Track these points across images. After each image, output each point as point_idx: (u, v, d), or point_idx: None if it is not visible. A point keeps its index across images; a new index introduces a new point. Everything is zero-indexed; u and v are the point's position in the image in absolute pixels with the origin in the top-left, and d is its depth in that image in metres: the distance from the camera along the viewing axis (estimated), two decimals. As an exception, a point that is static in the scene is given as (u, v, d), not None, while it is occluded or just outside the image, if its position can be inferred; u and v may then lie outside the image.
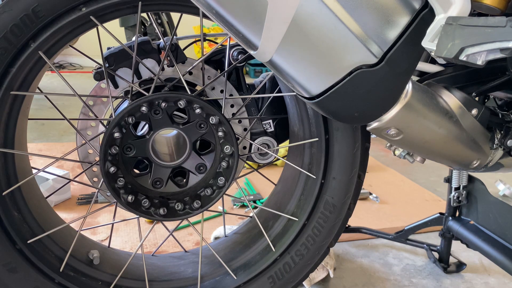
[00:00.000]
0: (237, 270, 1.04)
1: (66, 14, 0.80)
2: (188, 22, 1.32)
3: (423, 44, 0.67)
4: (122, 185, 0.88)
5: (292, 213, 1.05)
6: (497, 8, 0.64)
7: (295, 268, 1.04)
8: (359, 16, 0.66)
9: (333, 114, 0.79)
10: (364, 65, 0.69)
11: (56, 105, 0.98)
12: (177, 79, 0.94)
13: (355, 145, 0.96)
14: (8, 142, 0.88)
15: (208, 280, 1.06)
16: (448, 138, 0.81)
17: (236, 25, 0.68)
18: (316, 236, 1.02)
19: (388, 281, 1.43)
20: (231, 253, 1.10)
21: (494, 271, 1.50)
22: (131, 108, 0.84)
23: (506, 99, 0.95)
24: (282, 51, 0.68)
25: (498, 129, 0.87)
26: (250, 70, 5.22)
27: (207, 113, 0.88)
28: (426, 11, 0.68)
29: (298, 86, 0.74)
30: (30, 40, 0.80)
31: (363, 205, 1.95)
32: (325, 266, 1.36)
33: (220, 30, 5.11)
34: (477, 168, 0.91)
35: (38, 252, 0.92)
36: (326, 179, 0.99)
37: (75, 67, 5.42)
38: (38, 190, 1.04)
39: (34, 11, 0.78)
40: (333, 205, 1.00)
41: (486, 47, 0.57)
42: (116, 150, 0.87)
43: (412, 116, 0.76)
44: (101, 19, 0.83)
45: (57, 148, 2.49)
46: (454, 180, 1.42)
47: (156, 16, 3.68)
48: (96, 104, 0.96)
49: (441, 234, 1.51)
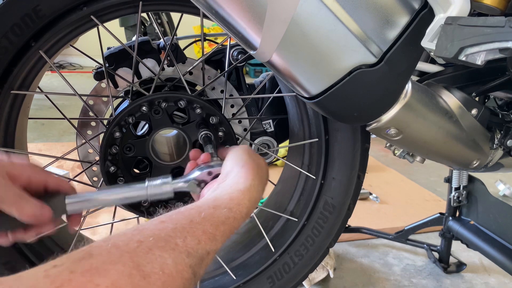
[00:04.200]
0: (236, 270, 1.04)
1: (67, 13, 0.80)
2: (188, 22, 1.32)
3: (422, 44, 0.67)
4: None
5: (292, 214, 1.05)
6: (497, 8, 0.64)
7: (295, 268, 1.04)
8: (359, 16, 0.66)
9: (333, 114, 0.79)
10: (363, 65, 0.69)
11: (56, 104, 0.98)
12: (177, 79, 0.94)
13: (354, 146, 0.96)
14: (8, 141, 0.88)
15: (208, 280, 1.06)
16: (448, 138, 0.81)
17: (236, 25, 0.68)
18: (315, 237, 1.02)
19: (388, 281, 1.43)
20: (231, 253, 1.10)
21: (494, 271, 1.50)
22: (131, 108, 0.84)
23: (506, 99, 0.95)
24: (281, 51, 0.68)
25: (498, 129, 0.87)
26: (250, 70, 5.22)
27: (207, 113, 0.88)
28: (425, 11, 0.68)
29: (298, 86, 0.74)
30: (31, 40, 0.80)
31: (363, 205, 1.95)
32: (325, 266, 1.36)
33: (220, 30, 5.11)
34: (477, 168, 0.91)
35: (38, 251, 0.92)
36: (325, 180, 0.99)
37: (75, 67, 5.43)
38: (38, 190, 1.04)
39: (35, 10, 0.78)
40: (332, 205, 1.00)
41: (485, 47, 0.57)
42: (116, 149, 0.87)
43: (412, 116, 0.76)
44: (101, 18, 0.84)
45: (57, 148, 2.49)
46: (454, 180, 1.42)
47: (156, 16, 3.68)
48: (96, 104, 0.96)
49: (441, 234, 1.51)
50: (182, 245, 0.44)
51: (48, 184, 0.65)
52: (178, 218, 0.47)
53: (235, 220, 0.53)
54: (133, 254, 0.40)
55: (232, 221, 0.53)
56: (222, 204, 0.53)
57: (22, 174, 0.61)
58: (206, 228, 0.48)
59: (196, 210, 0.50)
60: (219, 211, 0.52)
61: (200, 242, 0.46)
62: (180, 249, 0.43)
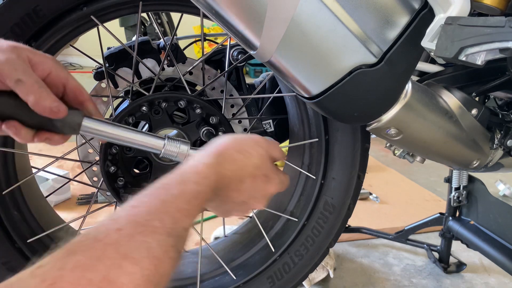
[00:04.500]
0: (236, 270, 1.04)
1: (67, 13, 0.80)
2: (188, 22, 1.32)
3: (422, 44, 0.67)
4: (122, 185, 0.88)
5: (292, 213, 1.05)
6: (497, 8, 0.64)
7: (295, 268, 1.04)
8: (359, 16, 0.66)
9: (333, 114, 0.79)
10: (363, 65, 0.69)
11: (56, 104, 0.97)
12: (177, 79, 0.94)
13: (354, 146, 0.96)
14: (8, 141, 0.88)
15: (208, 280, 1.06)
16: (448, 138, 0.81)
17: (236, 25, 0.68)
18: (315, 237, 1.02)
19: (388, 281, 1.43)
20: (231, 253, 1.10)
21: (494, 271, 1.50)
22: (132, 108, 0.84)
23: (506, 99, 0.94)
24: (281, 51, 0.68)
25: (498, 129, 0.87)
26: (250, 70, 5.22)
27: (207, 113, 0.88)
28: (425, 11, 0.68)
29: (298, 86, 0.74)
30: (31, 40, 0.80)
31: (363, 205, 1.95)
32: (325, 266, 1.36)
33: (220, 30, 5.11)
34: (477, 168, 0.91)
35: (38, 251, 0.92)
36: (325, 180, 0.99)
37: (75, 67, 5.43)
38: (38, 190, 1.04)
39: (35, 10, 0.78)
40: (332, 205, 1.00)
41: (485, 47, 0.57)
42: (116, 149, 0.87)
43: (412, 116, 0.76)
44: (101, 18, 0.84)
45: (57, 147, 2.48)
46: (454, 180, 1.42)
47: (156, 16, 3.68)
48: (97, 104, 0.96)
49: (441, 234, 1.51)
50: (161, 227, 0.44)
51: (68, 86, 0.60)
52: (150, 201, 0.47)
53: (205, 193, 0.53)
54: (116, 245, 0.40)
55: (203, 195, 0.52)
56: (188, 178, 0.52)
57: (43, 64, 0.57)
58: (180, 206, 0.48)
59: (165, 189, 0.49)
60: (188, 186, 0.51)
61: (177, 221, 0.46)
62: (160, 231, 0.43)
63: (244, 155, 0.62)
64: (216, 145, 0.61)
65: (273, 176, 0.65)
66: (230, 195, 0.62)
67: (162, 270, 0.42)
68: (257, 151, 0.64)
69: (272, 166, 0.67)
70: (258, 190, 0.65)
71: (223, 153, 0.60)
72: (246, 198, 0.64)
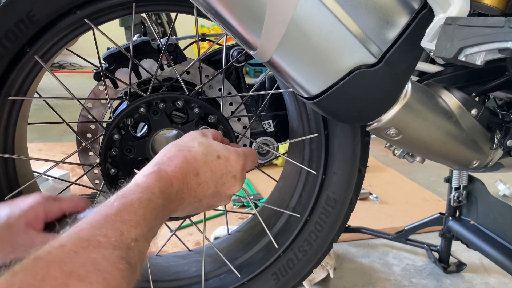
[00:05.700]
0: (240, 268, 1.04)
1: (60, 17, 0.80)
2: (189, 22, 1.32)
3: (422, 44, 0.67)
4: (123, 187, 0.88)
5: (294, 209, 1.05)
6: (497, 8, 0.64)
7: (299, 264, 1.03)
8: (358, 16, 0.66)
9: (333, 114, 0.78)
10: (363, 65, 0.69)
11: (56, 104, 0.98)
12: (175, 79, 0.93)
13: (355, 140, 0.95)
14: (8, 147, 0.88)
15: (212, 278, 1.06)
16: (448, 138, 0.81)
17: (235, 25, 0.68)
18: (318, 232, 1.02)
19: (388, 281, 1.43)
20: (234, 251, 1.10)
21: (494, 271, 1.50)
22: (130, 110, 0.84)
23: (506, 99, 0.94)
24: (281, 51, 0.68)
25: (498, 129, 0.87)
26: (250, 70, 5.22)
27: (206, 112, 0.88)
28: (425, 11, 0.68)
29: (297, 86, 0.74)
30: (26, 45, 0.80)
31: (363, 205, 1.95)
32: (325, 266, 1.35)
33: (220, 30, 5.11)
34: (477, 168, 0.90)
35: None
36: (327, 175, 0.99)
37: (75, 67, 5.42)
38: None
39: (28, 16, 0.77)
40: (334, 200, 1.00)
41: (484, 47, 0.57)
42: (116, 152, 0.86)
43: (412, 116, 0.76)
44: (96, 21, 0.83)
45: (57, 148, 2.49)
46: (454, 180, 1.42)
47: (156, 16, 3.68)
48: (96, 107, 0.96)
49: (441, 234, 1.51)
50: (105, 241, 0.44)
51: (65, 210, 0.66)
52: (93, 217, 0.47)
53: (151, 201, 0.53)
54: (60, 263, 0.39)
55: (149, 203, 0.53)
56: (129, 191, 0.53)
57: (38, 216, 0.63)
58: (124, 217, 0.48)
59: (107, 205, 0.50)
60: (129, 198, 0.52)
61: (122, 233, 0.46)
62: (104, 245, 0.43)
63: (185, 151, 0.63)
64: (155, 157, 0.63)
65: (226, 153, 0.66)
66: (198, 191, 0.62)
67: (114, 283, 0.41)
68: (197, 141, 0.65)
69: (222, 145, 0.67)
70: (222, 173, 0.65)
71: (161, 160, 0.61)
72: (215, 187, 0.64)
